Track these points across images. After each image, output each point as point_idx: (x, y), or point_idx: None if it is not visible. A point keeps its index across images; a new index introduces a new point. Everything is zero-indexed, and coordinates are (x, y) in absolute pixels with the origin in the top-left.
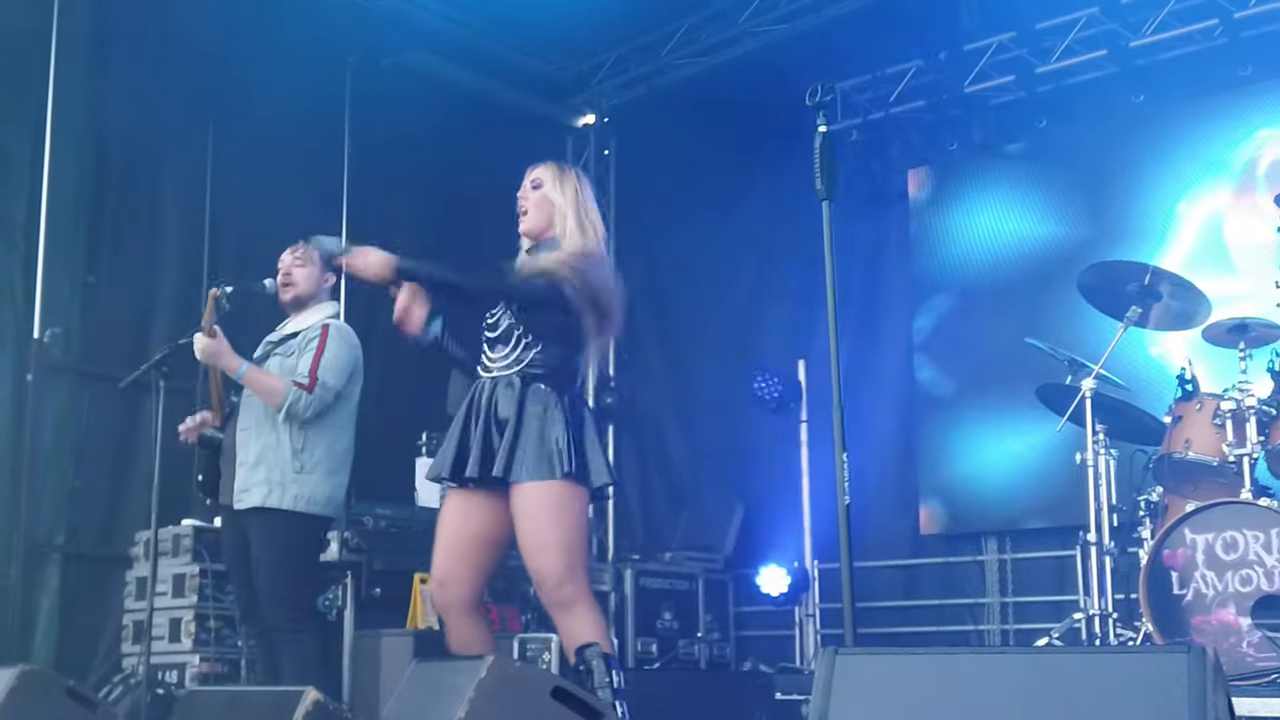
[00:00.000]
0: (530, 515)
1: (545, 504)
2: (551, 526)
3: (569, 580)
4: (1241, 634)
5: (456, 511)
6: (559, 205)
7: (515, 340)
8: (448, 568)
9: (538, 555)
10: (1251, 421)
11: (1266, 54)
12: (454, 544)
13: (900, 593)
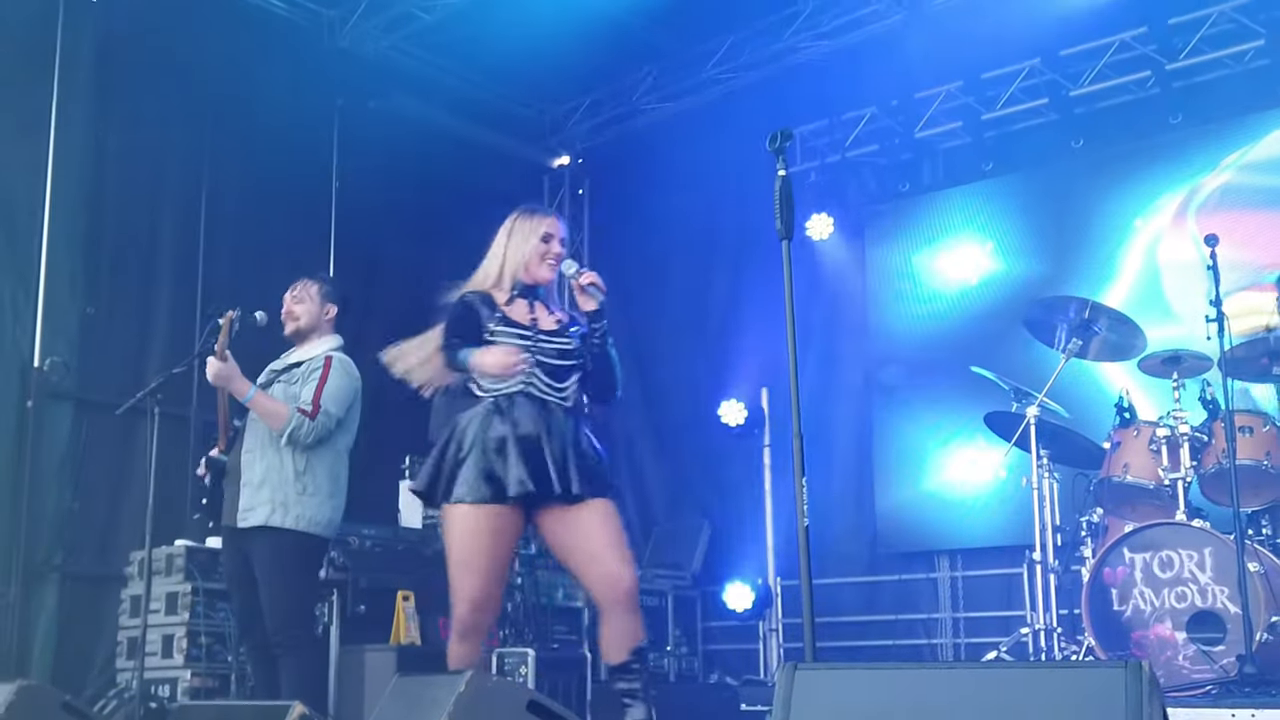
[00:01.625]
0: (606, 526)
1: (613, 516)
2: (620, 534)
3: (636, 583)
4: (1178, 648)
5: (497, 534)
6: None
7: (575, 377)
8: (490, 593)
9: (625, 561)
10: (1185, 447)
11: (1196, 104)
12: (496, 568)
13: (858, 608)
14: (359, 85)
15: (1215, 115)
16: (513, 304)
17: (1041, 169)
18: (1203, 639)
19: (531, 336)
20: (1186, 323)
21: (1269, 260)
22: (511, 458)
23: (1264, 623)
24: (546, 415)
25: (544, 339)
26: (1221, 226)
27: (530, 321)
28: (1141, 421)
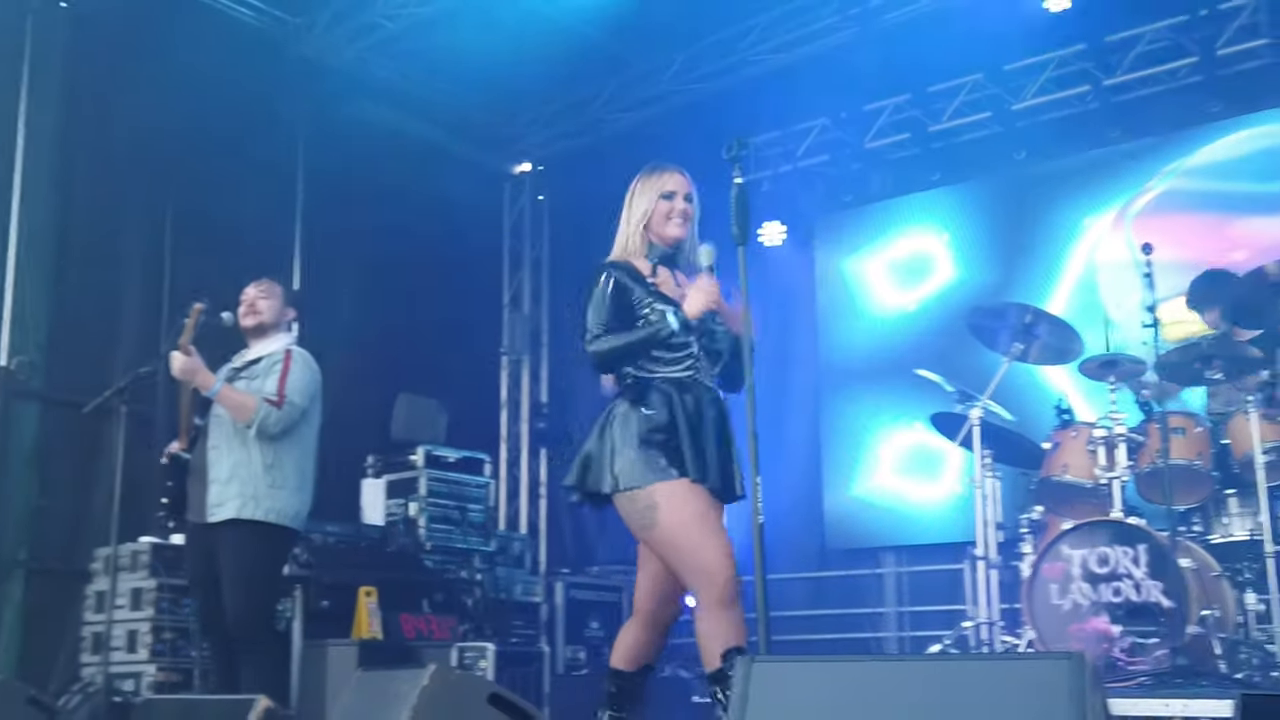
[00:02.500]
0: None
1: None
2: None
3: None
4: (1113, 640)
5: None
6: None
7: (719, 362)
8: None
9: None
10: (1121, 448)
11: (1133, 118)
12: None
13: (807, 603)
14: (324, 92)
15: (1150, 130)
16: (657, 275)
17: (987, 179)
18: (1137, 632)
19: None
20: (1123, 328)
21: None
22: (709, 445)
23: (1195, 616)
24: (716, 405)
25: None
26: (1157, 235)
27: (682, 298)
28: (1080, 423)
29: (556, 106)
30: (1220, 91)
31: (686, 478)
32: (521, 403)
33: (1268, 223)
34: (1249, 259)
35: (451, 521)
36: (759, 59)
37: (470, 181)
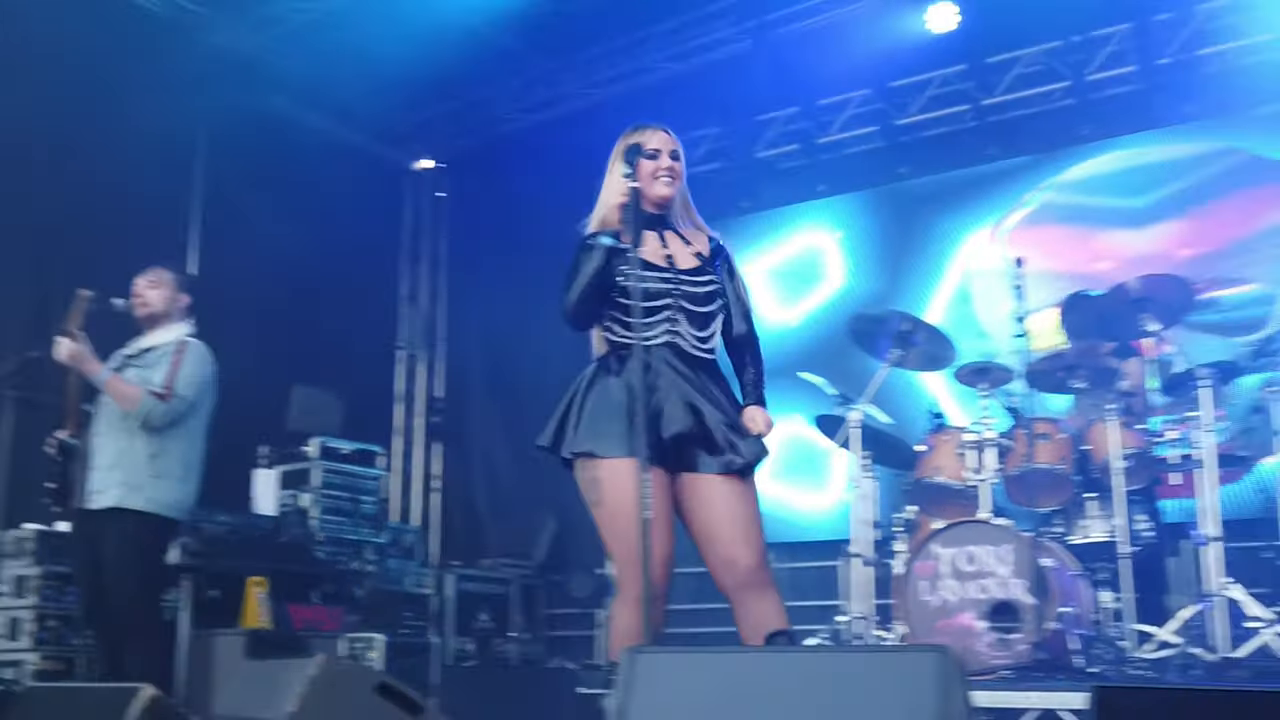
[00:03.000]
0: (736, 498)
1: (751, 487)
2: (753, 508)
3: (764, 563)
4: (979, 635)
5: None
6: (682, 181)
7: (718, 320)
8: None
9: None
10: (990, 452)
11: (1009, 137)
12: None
13: (690, 597)
14: (228, 82)
15: (1025, 149)
16: (642, 238)
17: (871, 191)
18: (1001, 628)
19: (671, 278)
20: (994, 337)
21: (1069, 272)
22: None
23: (1054, 613)
24: (695, 372)
25: (685, 279)
26: (1028, 247)
27: (665, 260)
28: (952, 427)
29: (458, 105)
30: (1090, 114)
31: (632, 458)
32: (417, 397)
33: (1130, 235)
34: (1112, 269)
35: (344, 513)
36: (657, 66)
37: (371, 176)
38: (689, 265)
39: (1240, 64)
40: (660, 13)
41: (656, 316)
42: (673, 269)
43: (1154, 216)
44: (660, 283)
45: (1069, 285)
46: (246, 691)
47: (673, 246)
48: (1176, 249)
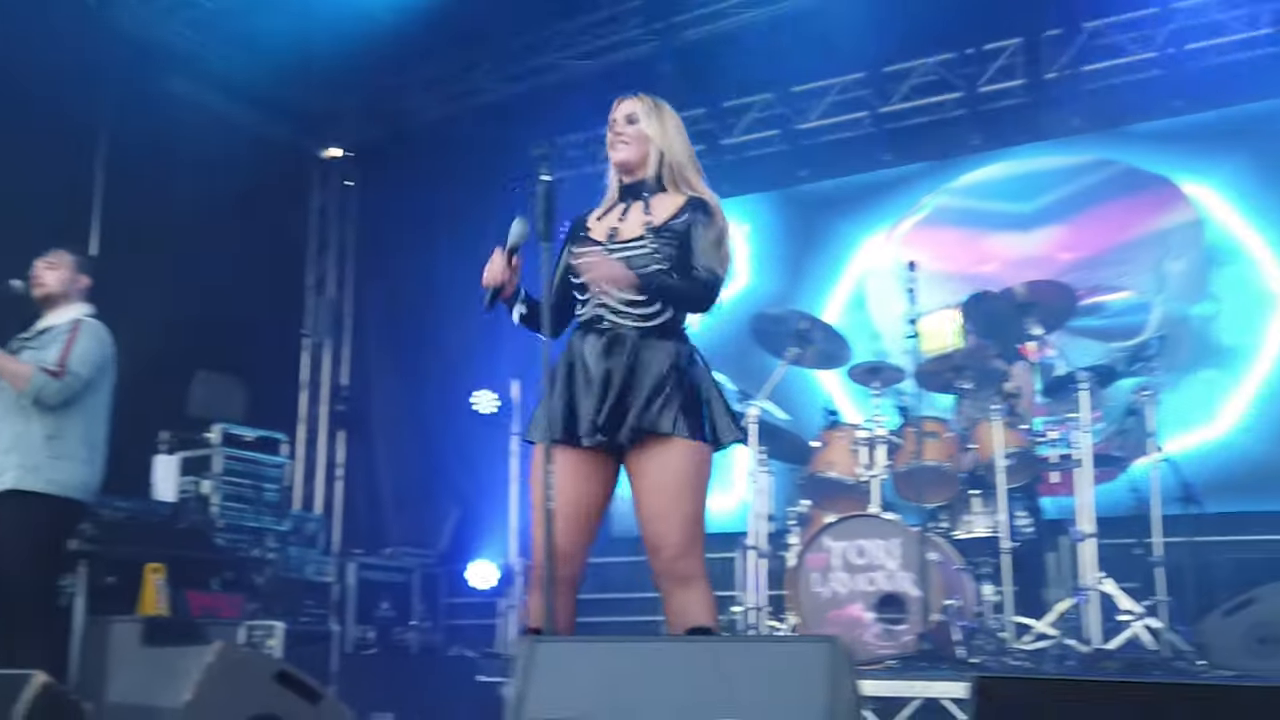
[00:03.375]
0: (663, 475)
1: (685, 465)
2: (683, 493)
3: (687, 553)
4: (867, 626)
5: (573, 477)
6: (655, 141)
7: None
8: (565, 539)
9: (661, 522)
10: (881, 448)
11: (904, 144)
12: (574, 515)
13: (593, 587)
14: (137, 64)
15: (919, 156)
16: (609, 213)
17: (774, 194)
18: (888, 619)
19: (601, 252)
20: (887, 337)
21: (959, 273)
22: (581, 393)
23: (938, 605)
24: (619, 342)
25: (615, 250)
26: (921, 250)
27: (608, 233)
28: (845, 424)
29: (368, 94)
30: (981, 125)
31: (542, 443)
32: (322, 385)
33: (1016, 239)
34: (999, 270)
35: (245, 500)
36: (566, 64)
37: (279, 163)
38: (632, 235)
39: (1120, 81)
40: (569, 11)
41: (587, 293)
42: (611, 241)
43: (1039, 221)
44: (591, 257)
45: (959, 285)
46: (142, 679)
47: (630, 217)
48: (1059, 252)
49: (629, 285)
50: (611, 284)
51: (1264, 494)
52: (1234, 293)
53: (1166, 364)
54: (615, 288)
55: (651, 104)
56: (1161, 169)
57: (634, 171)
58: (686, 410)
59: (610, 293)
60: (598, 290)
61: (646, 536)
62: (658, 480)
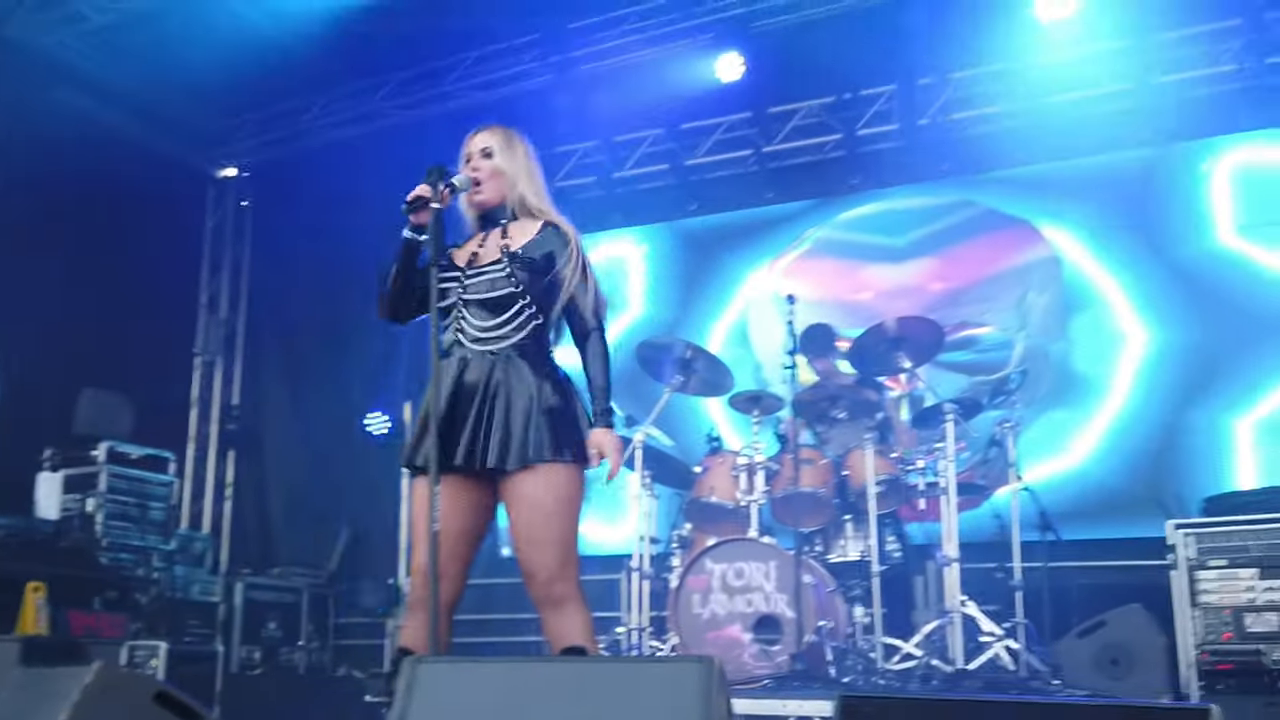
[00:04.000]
0: (536, 499)
1: (556, 488)
2: (555, 517)
3: (561, 577)
4: (744, 647)
5: (445, 501)
6: (509, 174)
7: (518, 309)
8: (442, 562)
9: (532, 547)
10: (760, 474)
11: (787, 182)
12: (446, 538)
13: (478, 608)
14: (24, 77)
15: (801, 195)
16: (468, 243)
17: (663, 226)
18: (764, 640)
19: (459, 277)
20: (767, 368)
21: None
22: (454, 418)
23: (812, 626)
24: (476, 365)
25: (472, 275)
26: (801, 281)
27: (469, 258)
28: (727, 450)
29: (265, 115)
30: (859, 166)
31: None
32: (212, 403)
33: (890, 270)
34: (873, 299)
35: (131, 519)
36: (464, 93)
37: (173, 181)
38: (489, 259)
39: (986, 129)
40: (469, 42)
41: (449, 318)
42: (470, 268)
43: (911, 254)
44: (450, 283)
45: (837, 313)
46: (18, 700)
47: (488, 244)
48: (930, 283)
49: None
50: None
51: (1114, 522)
52: (1088, 332)
53: (1027, 398)
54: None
55: (505, 136)
56: (1023, 212)
57: (482, 206)
58: (556, 433)
59: (468, 316)
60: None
61: (521, 561)
62: (530, 505)
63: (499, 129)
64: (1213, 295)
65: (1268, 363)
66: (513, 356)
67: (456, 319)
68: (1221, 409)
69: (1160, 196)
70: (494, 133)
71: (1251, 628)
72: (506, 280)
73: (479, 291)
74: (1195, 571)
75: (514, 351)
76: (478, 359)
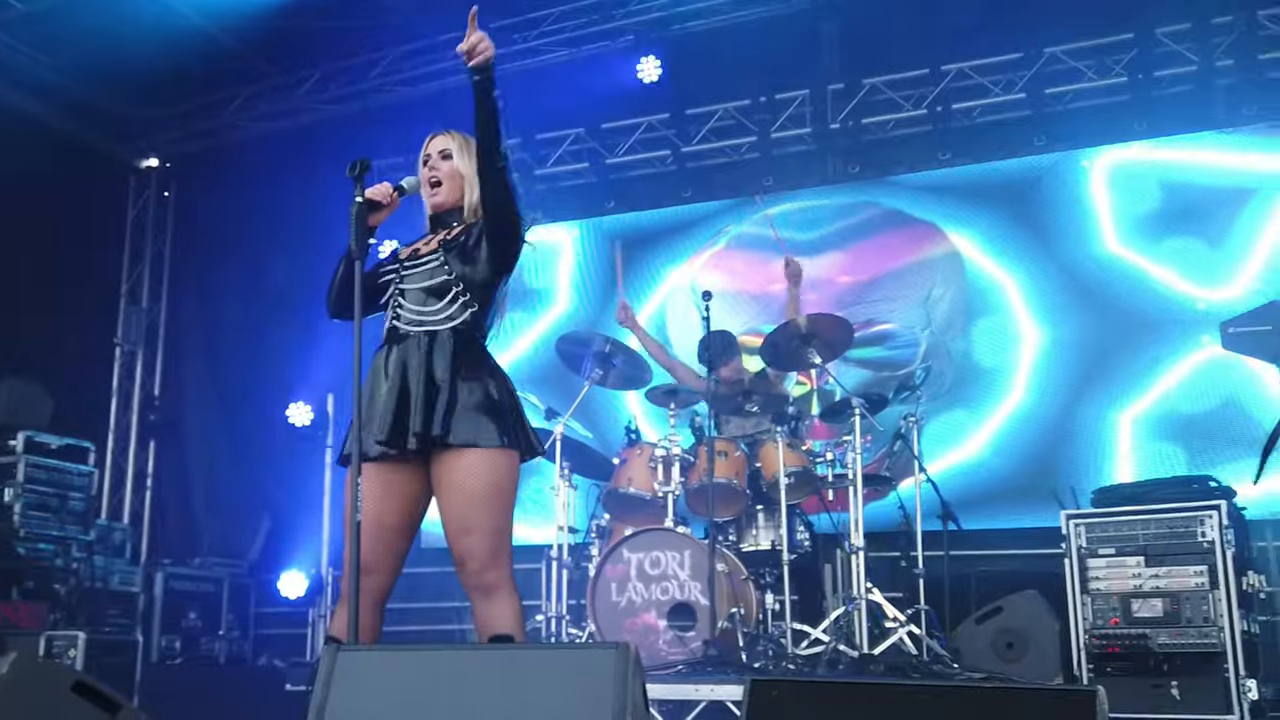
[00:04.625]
0: (468, 486)
1: (488, 475)
2: (487, 503)
3: (493, 565)
4: (660, 633)
5: (375, 491)
6: (468, 177)
7: (452, 296)
8: (369, 554)
9: (465, 534)
10: (676, 466)
11: (704, 182)
12: (378, 529)
13: (401, 597)
14: None
15: (718, 194)
16: (417, 242)
17: (585, 223)
18: (679, 626)
19: (396, 269)
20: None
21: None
22: (378, 405)
23: (725, 613)
24: (413, 351)
25: (410, 266)
26: (719, 275)
27: (411, 254)
28: (645, 442)
29: (188, 108)
30: (773, 168)
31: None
32: (133, 394)
33: (803, 262)
34: (784, 290)
35: (49, 509)
36: (386, 89)
37: (95, 172)
38: (428, 252)
39: (894, 134)
40: (390, 39)
41: (388, 309)
42: (411, 259)
43: (820, 249)
44: (389, 275)
45: (750, 304)
46: None
47: (433, 242)
48: (838, 276)
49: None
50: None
51: (1011, 512)
52: (988, 330)
53: (931, 393)
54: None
55: (462, 140)
56: (927, 214)
57: (447, 210)
58: (487, 419)
59: (404, 303)
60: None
61: (453, 549)
62: (462, 492)
63: (457, 133)
64: (1100, 297)
65: (1145, 362)
66: (447, 342)
67: (394, 306)
68: (1107, 405)
69: (1053, 202)
70: (452, 136)
71: (1138, 613)
72: (442, 269)
73: (416, 281)
74: (1086, 559)
75: (449, 336)
76: (412, 344)
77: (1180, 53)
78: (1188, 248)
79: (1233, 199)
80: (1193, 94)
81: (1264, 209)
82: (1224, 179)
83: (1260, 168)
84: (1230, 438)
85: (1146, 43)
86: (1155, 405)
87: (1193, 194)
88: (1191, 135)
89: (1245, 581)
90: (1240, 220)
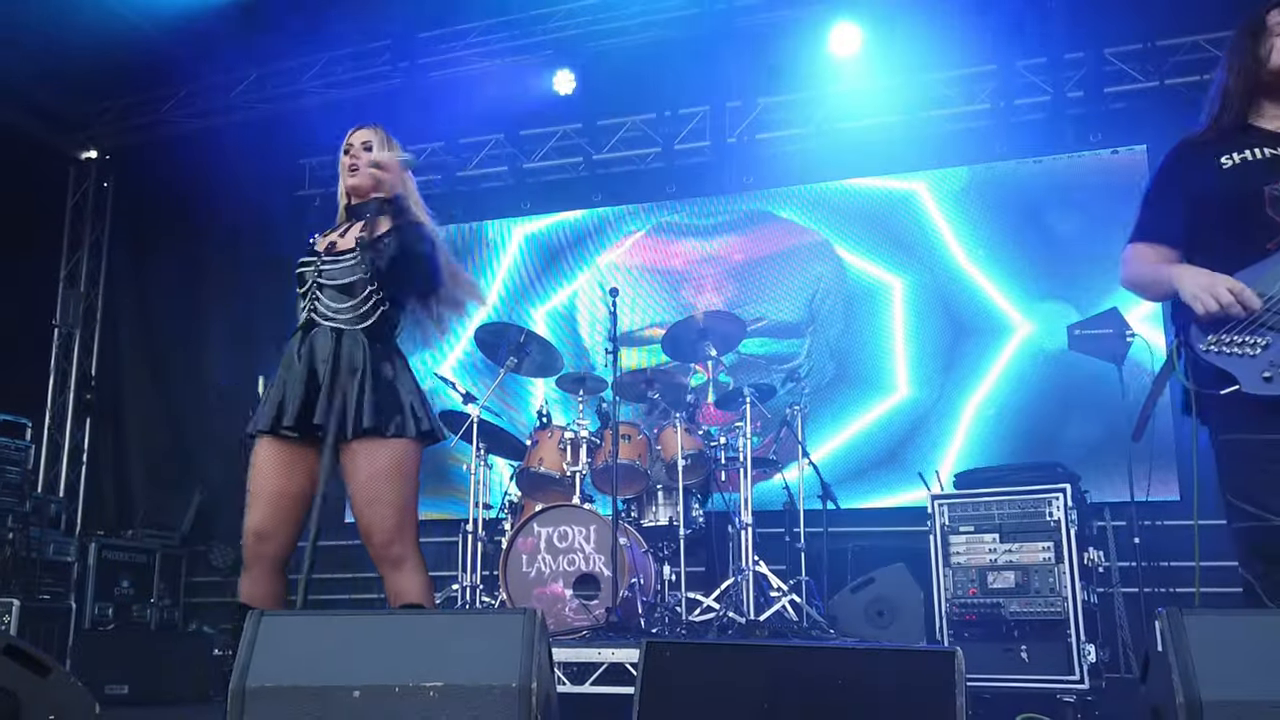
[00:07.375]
0: (371, 470)
1: (391, 457)
2: (391, 483)
3: (398, 539)
4: (566, 602)
5: (276, 465)
6: (387, 169)
7: (366, 295)
8: (268, 522)
9: (370, 510)
10: (584, 448)
11: (613, 188)
12: (276, 499)
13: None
14: None
15: (626, 199)
16: (335, 230)
17: (502, 223)
18: (583, 595)
19: (314, 263)
20: (592, 352)
21: (650, 266)
22: (290, 389)
23: (626, 583)
24: (323, 341)
25: (327, 261)
26: (620, 254)
27: (328, 247)
28: (555, 425)
29: (127, 102)
30: (675, 176)
31: (263, 434)
32: (70, 373)
33: (698, 243)
34: (683, 265)
35: None
36: (318, 91)
37: (35, 161)
38: (345, 249)
39: (783, 150)
40: (323, 44)
41: (305, 301)
42: (326, 254)
43: (717, 232)
44: (307, 267)
45: (652, 278)
46: None
47: (349, 234)
48: (732, 254)
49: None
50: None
51: (883, 493)
52: (866, 329)
53: (814, 384)
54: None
55: (385, 136)
56: (813, 223)
57: (363, 196)
58: (391, 409)
59: (321, 298)
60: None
61: (359, 522)
62: (367, 472)
63: (380, 129)
64: (955, 303)
65: (985, 359)
66: (359, 336)
67: (311, 299)
68: (959, 395)
69: (924, 216)
70: (376, 131)
71: (993, 584)
72: (356, 268)
73: (333, 278)
74: (948, 536)
75: (361, 332)
76: (325, 335)
77: (1036, 83)
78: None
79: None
80: (1047, 120)
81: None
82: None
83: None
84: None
85: (1007, 74)
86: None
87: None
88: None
89: (1086, 557)
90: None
